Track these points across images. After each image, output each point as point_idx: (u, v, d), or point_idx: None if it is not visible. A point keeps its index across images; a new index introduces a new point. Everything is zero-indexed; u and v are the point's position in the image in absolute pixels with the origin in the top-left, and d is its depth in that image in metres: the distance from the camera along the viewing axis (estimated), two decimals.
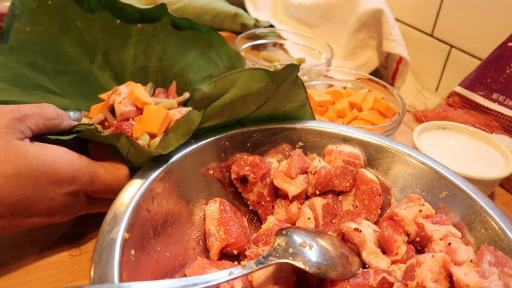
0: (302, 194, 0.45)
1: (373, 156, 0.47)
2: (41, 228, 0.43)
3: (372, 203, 0.45)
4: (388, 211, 0.44)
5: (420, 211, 0.40)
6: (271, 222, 0.42)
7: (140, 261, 0.33)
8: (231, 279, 0.33)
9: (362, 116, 0.64)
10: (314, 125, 0.49)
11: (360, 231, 0.39)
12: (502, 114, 0.66)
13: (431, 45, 0.91)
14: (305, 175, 0.45)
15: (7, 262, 0.41)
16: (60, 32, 0.62)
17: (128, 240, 0.32)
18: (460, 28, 0.83)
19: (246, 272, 0.33)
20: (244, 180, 0.45)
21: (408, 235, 0.40)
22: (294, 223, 0.45)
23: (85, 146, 0.45)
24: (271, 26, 1.04)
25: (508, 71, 0.67)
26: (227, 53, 0.63)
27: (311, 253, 0.36)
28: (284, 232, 0.37)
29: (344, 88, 0.74)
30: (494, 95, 0.68)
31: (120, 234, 0.32)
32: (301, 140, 0.49)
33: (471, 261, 0.34)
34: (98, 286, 0.28)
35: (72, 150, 0.41)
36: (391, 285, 0.35)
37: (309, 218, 0.43)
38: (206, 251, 0.41)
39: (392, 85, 0.86)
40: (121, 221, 0.33)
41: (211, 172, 0.44)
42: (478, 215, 0.39)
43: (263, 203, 0.45)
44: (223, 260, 0.39)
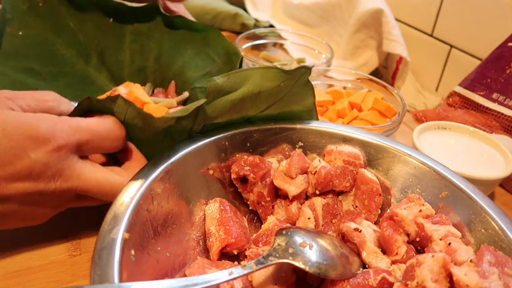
0: (302, 194, 0.45)
1: (373, 156, 0.47)
2: (41, 228, 0.43)
3: (372, 203, 0.45)
4: (388, 211, 0.44)
5: (420, 211, 0.40)
6: (271, 222, 0.42)
7: (140, 261, 0.33)
8: (231, 279, 0.33)
9: (362, 116, 0.64)
10: (314, 125, 0.49)
11: (360, 231, 0.39)
12: (502, 114, 0.66)
13: (431, 45, 0.91)
14: (305, 175, 0.45)
15: (7, 262, 0.41)
16: (53, 34, 0.61)
17: (128, 240, 0.32)
18: (460, 28, 0.83)
19: (246, 272, 0.33)
20: (244, 180, 0.45)
21: (408, 235, 0.40)
22: (294, 223, 0.45)
23: None
24: (271, 26, 1.04)
25: (508, 71, 0.67)
26: (223, 48, 0.62)
27: (311, 253, 0.36)
28: (284, 232, 0.37)
29: (344, 88, 0.74)
30: (494, 95, 0.68)
31: (120, 234, 0.32)
32: (301, 140, 0.49)
33: (471, 261, 0.34)
34: (98, 286, 0.28)
35: None
36: (391, 285, 0.35)
37: (309, 218, 0.43)
38: (206, 251, 0.41)
39: (392, 85, 0.86)
40: (121, 221, 0.33)
41: (211, 172, 0.44)
42: (478, 215, 0.39)
43: (263, 203, 0.45)
44: (223, 260, 0.39)
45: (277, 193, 0.46)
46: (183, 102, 0.60)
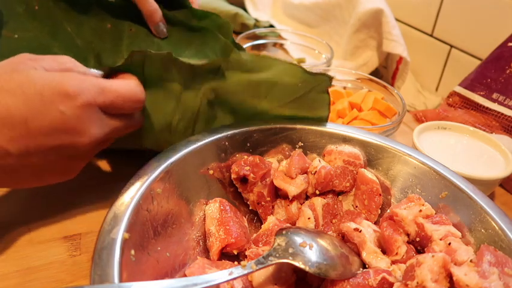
0: (302, 194, 0.45)
1: (373, 156, 0.47)
2: (41, 228, 0.43)
3: (372, 203, 0.45)
4: (388, 211, 0.44)
5: (420, 211, 0.40)
6: (271, 222, 0.42)
7: (140, 261, 0.33)
8: (231, 279, 0.33)
9: (362, 116, 0.64)
10: (314, 125, 0.49)
11: (360, 231, 0.39)
12: (502, 114, 0.66)
13: (431, 45, 0.91)
14: (305, 175, 0.45)
15: (7, 262, 0.41)
16: (49, 38, 0.60)
17: (128, 240, 0.32)
18: (460, 28, 0.83)
19: (246, 272, 0.33)
20: (244, 180, 0.45)
21: (408, 235, 0.40)
22: (294, 223, 0.45)
23: None
24: (271, 26, 1.04)
25: (508, 71, 0.67)
26: (221, 46, 0.63)
27: (311, 253, 0.36)
28: (284, 232, 0.37)
29: (344, 88, 0.74)
30: (494, 95, 0.68)
31: (120, 234, 0.32)
32: (301, 140, 0.49)
33: (471, 261, 0.34)
34: (98, 286, 0.28)
35: None
36: (391, 285, 0.35)
37: (309, 218, 0.43)
38: (206, 251, 0.41)
39: (392, 85, 0.86)
40: (121, 221, 0.33)
41: (211, 172, 0.44)
42: (478, 215, 0.39)
43: (263, 203, 0.45)
44: (223, 260, 0.39)
45: (277, 193, 0.46)
46: None
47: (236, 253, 0.41)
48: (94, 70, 0.45)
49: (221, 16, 0.63)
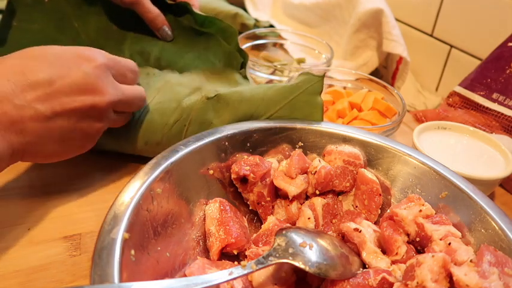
0: (302, 194, 0.45)
1: (373, 156, 0.47)
2: (41, 228, 0.43)
3: (372, 203, 0.45)
4: (388, 211, 0.44)
5: (420, 211, 0.40)
6: (271, 222, 0.42)
7: (140, 261, 0.33)
8: (231, 279, 0.33)
9: (362, 116, 0.64)
10: (314, 125, 0.49)
11: (360, 231, 0.39)
12: (502, 114, 0.66)
13: (431, 45, 0.91)
14: (305, 175, 0.45)
15: (7, 262, 0.41)
16: (56, 31, 0.61)
17: (128, 240, 0.32)
18: (460, 28, 0.83)
19: (246, 272, 0.33)
20: (244, 180, 0.44)
21: (408, 235, 0.40)
22: (294, 223, 0.45)
23: None
24: (271, 26, 1.03)
25: (508, 71, 0.67)
26: (224, 52, 0.63)
27: (311, 253, 0.36)
28: (284, 232, 0.37)
29: (344, 88, 0.74)
30: (494, 95, 0.68)
31: (120, 234, 0.32)
32: (301, 140, 0.49)
33: (471, 261, 0.34)
34: (98, 286, 0.28)
35: None
36: (391, 285, 0.35)
37: (309, 218, 0.43)
38: (206, 251, 0.41)
39: (392, 85, 0.86)
40: (121, 221, 0.33)
41: (211, 172, 0.44)
42: (478, 215, 0.39)
43: (263, 203, 0.45)
44: (223, 260, 0.39)
45: (277, 193, 0.46)
46: None
47: (236, 253, 0.41)
48: None
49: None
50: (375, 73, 0.92)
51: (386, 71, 0.92)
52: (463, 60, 0.84)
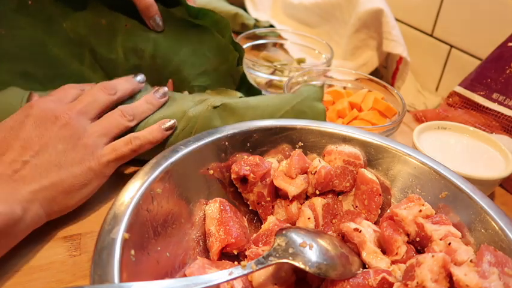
0: (302, 194, 0.45)
1: (373, 156, 0.47)
2: (41, 228, 0.43)
3: (372, 203, 0.45)
4: (388, 211, 0.44)
5: (420, 211, 0.40)
6: (271, 222, 0.42)
7: (140, 261, 0.33)
8: (231, 279, 0.33)
9: (362, 116, 0.64)
10: (314, 125, 0.49)
11: (360, 231, 0.39)
12: (502, 114, 0.66)
13: (431, 45, 0.91)
14: (305, 175, 0.45)
15: (7, 262, 0.41)
16: (44, 34, 0.59)
17: (128, 240, 0.32)
18: (460, 28, 0.83)
19: (246, 272, 0.33)
20: (244, 180, 0.45)
21: (408, 235, 0.40)
22: (294, 223, 0.45)
23: None
24: (271, 26, 1.04)
25: (508, 71, 0.67)
26: (218, 46, 0.63)
27: (311, 253, 0.36)
28: (284, 232, 0.37)
29: (344, 88, 0.74)
30: (494, 95, 0.68)
31: (120, 234, 0.32)
32: (301, 140, 0.49)
33: (471, 261, 0.34)
34: (98, 286, 0.28)
35: None
36: (391, 285, 0.35)
37: (309, 218, 0.43)
38: (206, 251, 0.41)
39: (392, 85, 0.86)
40: (121, 221, 0.33)
41: (211, 172, 0.44)
42: (478, 215, 0.39)
43: (263, 203, 0.45)
44: (223, 260, 0.39)
45: (277, 193, 0.46)
46: None
47: (236, 253, 0.41)
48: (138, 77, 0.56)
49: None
50: (375, 73, 0.92)
51: (386, 71, 0.92)
52: (463, 60, 0.84)
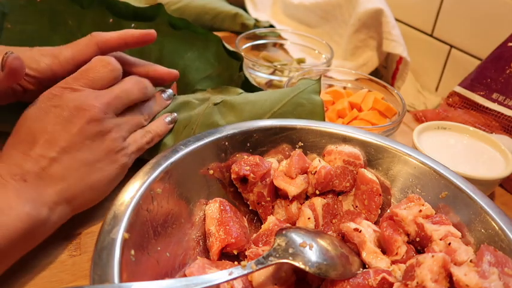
0: (302, 194, 0.45)
1: (373, 156, 0.47)
2: None
3: (372, 203, 0.45)
4: (388, 211, 0.44)
5: (420, 211, 0.40)
6: (271, 222, 0.42)
7: (140, 261, 0.33)
8: (231, 279, 0.33)
9: (362, 116, 0.64)
10: (314, 125, 0.49)
11: (360, 231, 0.39)
12: (502, 114, 0.66)
13: (431, 45, 0.91)
14: (305, 175, 0.45)
15: None
16: (50, 31, 0.60)
17: (128, 240, 0.32)
18: (460, 28, 0.83)
19: (246, 272, 0.33)
20: (244, 180, 0.45)
21: (408, 235, 0.40)
22: (294, 223, 0.45)
23: None
24: (271, 26, 1.04)
25: (508, 71, 0.67)
26: (223, 53, 0.64)
27: (311, 253, 0.36)
28: (284, 232, 0.37)
29: (344, 88, 0.74)
30: (494, 95, 0.68)
31: (120, 234, 0.32)
32: (301, 140, 0.49)
33: (471, 261, 0.34)
34: (98, 286, 0.28)
35: None
36: (391, 285, 0.35)
37: (309, 218, 0.43)
38: (206, 251, 0.41)
39: (392, 85, 0.86)
40: (121, 221, 0.33)
41: (211, 172, 0.44)
42: (478, 215, 0.39)
43: (263, 203, 0.45)
44: (223, 260, 0.39)
45: (277, 193, 0.46)
46: None
47: (236, 253, 0.41)
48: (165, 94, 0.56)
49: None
50: (375, 73, 0.92)
51: (386, 71, 0.92)
52: (463, 60, 0.84)
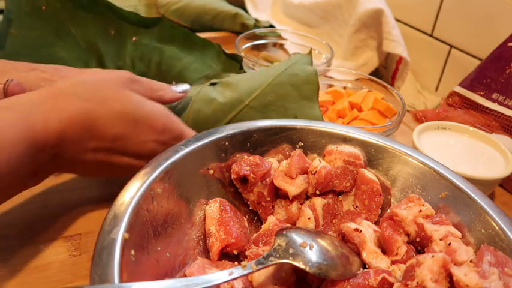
0: (302, 194, 0.45)
1: (373, 156, 0.47)
2: (41, 228, 0.43)
3: (372, 203, 0.45)
4: (388, 211, 0.44)
5: (420, 211, 0.40)
6: (271, 222, 0.42)
7: (140, 261, 0.33)
8: (231, 279, 0.33)
9: (362, 116, 0.64)
10: (314, 125, 0.49)
11: (360, 231, 0.39)
12: (502, 114, 0.66)
13: (431, 45, 0.91)
14: (305, 175, 0.45)
15: (7, 262, 0.41)
16: (54, 37, 0.62)
17: (128, 240, 0.32)
18: (460, 28, 0.83)
19: (246, 272, 0.33)
20: (244, 180, 0.44)
21: (408, 235, 0.40)
22: (294, 223, 0.45)
23: None
24: (271, 26, 1.04)
25: (508, 71, 0.67)
26: (222, 59, 0.66)
27: (311, 253, 0.36)
28: (284, 232, 0.37)
29: (344, 88, 0.74)
30: (494, 95, 0.68)
31: (120, 234, 0.32)
32: (301, 140, 0.49)
33: (471, 261, 0.34)
34: (98, 286, 0.28)
35: None
36: (391, 285, 0.35)
37: (309, 218, 0.43)
38: (206, 251, 0.41)
39: (392, 85, 0.86)
40: (121, 221, 0.33)
41: (211, 172, 0.44)
42: (478, 215, 0.39)
43: (263, 203, 0.45)
44: (223, 260, 0.39)
45: (277, 193, 0.46)
46: None
47: (236, 253, 0.40)
48: (180, 87, 0.53)
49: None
50: (375, 73, 0.92)
51: (386, 71, 0.92)
52: (463, 60, 0.84)
